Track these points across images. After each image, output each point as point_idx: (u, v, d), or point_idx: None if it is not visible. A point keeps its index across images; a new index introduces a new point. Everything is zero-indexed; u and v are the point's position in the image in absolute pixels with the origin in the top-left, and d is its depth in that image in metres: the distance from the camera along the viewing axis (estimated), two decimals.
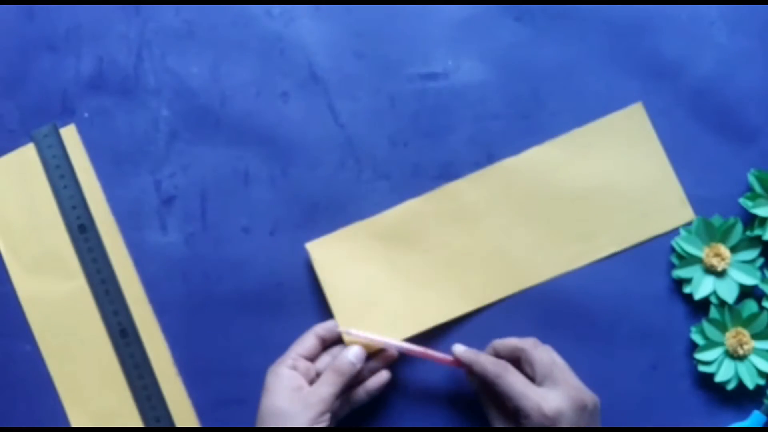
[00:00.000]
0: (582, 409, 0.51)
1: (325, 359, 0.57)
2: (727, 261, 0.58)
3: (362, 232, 0.60)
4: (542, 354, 0.54)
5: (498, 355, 0.56)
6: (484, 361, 0.55)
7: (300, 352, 0.56)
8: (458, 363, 0.56)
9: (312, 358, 0.57)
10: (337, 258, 0.59)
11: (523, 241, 0.59)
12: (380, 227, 0.60)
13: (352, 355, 0.55)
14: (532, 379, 0.54)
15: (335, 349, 0.57)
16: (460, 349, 0.57)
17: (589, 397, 0.52)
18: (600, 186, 0.59)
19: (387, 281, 0.59)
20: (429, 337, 0.59)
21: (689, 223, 0.59)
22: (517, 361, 0.55)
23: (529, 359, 0.54)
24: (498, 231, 0.59)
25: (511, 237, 0.59)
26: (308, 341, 0.57)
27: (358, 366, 0.55)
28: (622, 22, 0.61)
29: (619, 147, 0.60)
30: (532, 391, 0.52)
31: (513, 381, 0.53)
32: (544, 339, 0.58)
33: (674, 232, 0.59)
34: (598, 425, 0.53)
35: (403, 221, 0.60)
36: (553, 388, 0.52)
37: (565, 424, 0.51)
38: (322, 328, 0.57)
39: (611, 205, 0.59)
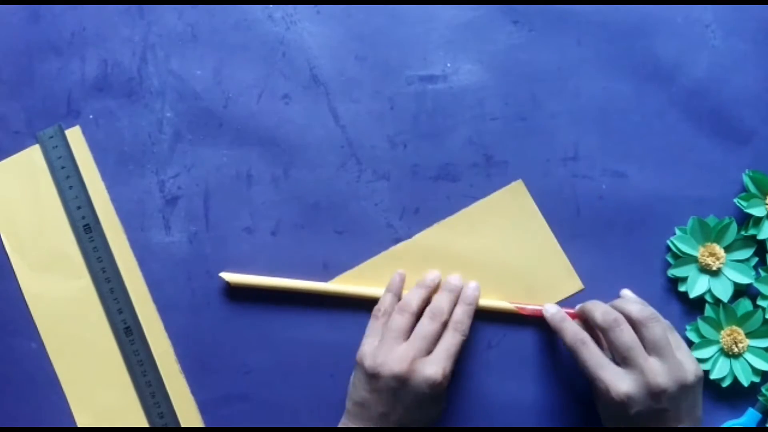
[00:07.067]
0: (658, 394, 0.50)
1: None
2: (722, 260, 0.58)
3: None
4: (620, 336, 0.52)
5: (585, 322, 0.56)
6: (566, 329, 0.55)
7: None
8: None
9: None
10: None
11: None
12: None
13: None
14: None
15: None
16: (550, 311, 0.57)
17: (667, 381, 0.51)
18: (490, 261, 0.60)
19: None
20: None
21: (683, 226, 0.59)
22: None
23: (608, 340, 0.53)
24: None
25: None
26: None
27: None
28: (618, 25, 0.61)
29: (504, 224, 0.60)
30: (605, 372, 0.52)
31: (587, 357, 0.53)
32: (542, 341, 0.59)
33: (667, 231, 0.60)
34: (692, 403, 0.52)
35: None
36: (629, 371, 0.51)
37: (636, 408, 0.50)
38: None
39: (501, 279, 0.60)
